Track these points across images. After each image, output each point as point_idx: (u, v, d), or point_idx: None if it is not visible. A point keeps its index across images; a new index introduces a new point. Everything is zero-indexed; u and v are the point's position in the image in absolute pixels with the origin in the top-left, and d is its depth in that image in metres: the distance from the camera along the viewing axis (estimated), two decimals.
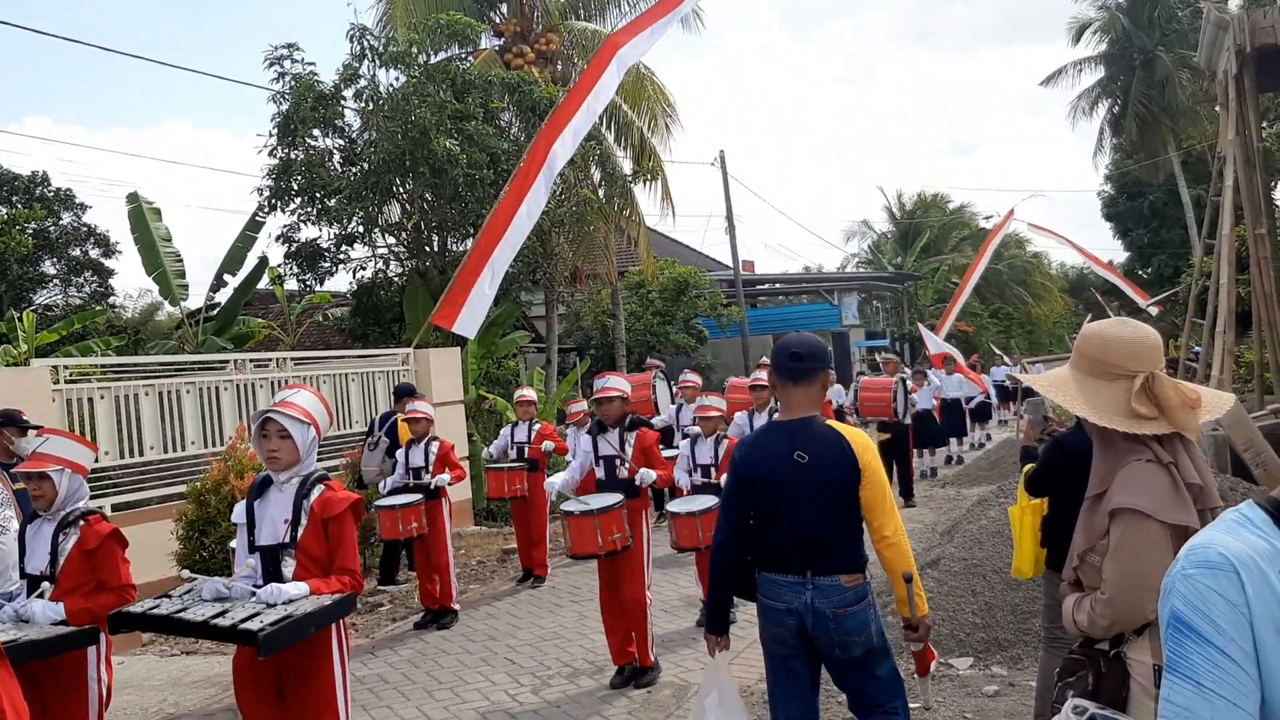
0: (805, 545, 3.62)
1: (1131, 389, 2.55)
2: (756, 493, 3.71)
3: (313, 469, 4.03)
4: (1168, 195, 37.10)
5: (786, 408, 3.78)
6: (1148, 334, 2.65)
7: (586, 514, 6.13)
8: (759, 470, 3.70)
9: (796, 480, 3.61)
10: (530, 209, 11.24)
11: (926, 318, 39.27)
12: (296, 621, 3.52)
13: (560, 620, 8.24)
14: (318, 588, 3.76)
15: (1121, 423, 2.56)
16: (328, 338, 20.15)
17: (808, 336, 3.87)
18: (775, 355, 3.80)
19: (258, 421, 4.00)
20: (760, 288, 34.73)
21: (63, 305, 21.41)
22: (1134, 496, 2.49)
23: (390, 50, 15.20)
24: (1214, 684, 1.45)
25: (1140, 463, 2.54)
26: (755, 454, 3.77)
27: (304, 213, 15.35)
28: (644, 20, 13.56)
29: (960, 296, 30.06)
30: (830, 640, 3.62)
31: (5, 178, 21.22)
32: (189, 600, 3.79)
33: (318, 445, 4.09)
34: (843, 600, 3.60)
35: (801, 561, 3.62)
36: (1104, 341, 2.66)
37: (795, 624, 3.63)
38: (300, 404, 4.02)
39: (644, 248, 20.39)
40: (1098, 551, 2.59)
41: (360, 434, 11.98)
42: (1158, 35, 35.85)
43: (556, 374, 18.68)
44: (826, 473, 3.61)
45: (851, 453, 3.62)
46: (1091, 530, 2.64)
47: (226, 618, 3.56)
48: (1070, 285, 55.33)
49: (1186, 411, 2.51)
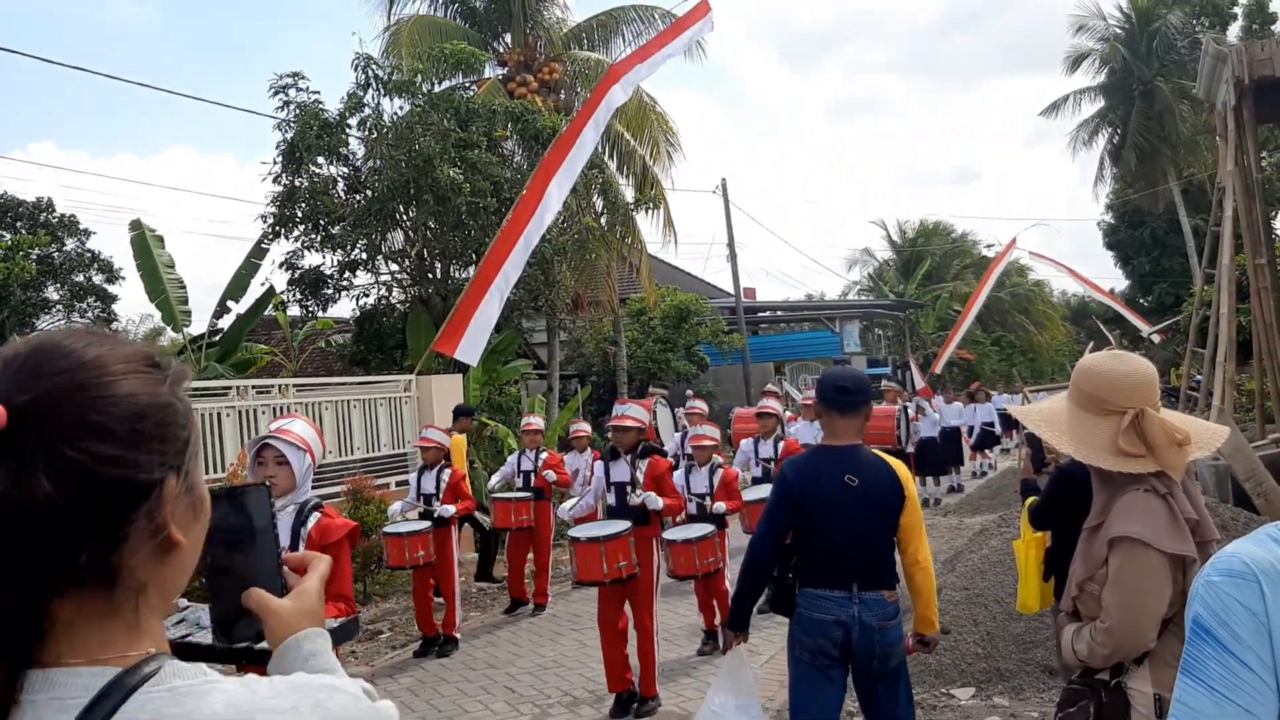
0: (852, 562, 3.85)
1: (1120, 426, 2.56)
2: (805, 509, 3.92)
3: (308, 496, 4.02)
4: (1168, 224, 37.19)
5: (833, 435, 4.02)
6: (1141, 370, 2.64)
7: (593, 541, 6.15)
8: (810, 489, 3.91)
9: (845, 502, 3.85)
10: (531, 238, 11.30)
11: (928, 346, 39.32)
12: None
13: (561, 649, 8.22)
14: None
15: (1108, 460, 2.57)
16: (330, 364, 20.17)
17: (854, 371, 4.26)
18: (823, 388, 4.05)
19: (255, 447, 4.00)
20: (762, 315, 34.79)
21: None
22: (1133, 525, 2.49)
23: (395, 79, 15.32)
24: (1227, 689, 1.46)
25: (1139, 492, 2.54)
26: (807, 474, 3.98)
27: (308, 239, 15.42)
28: (646, 50, 13.69)
29: (962, 324, 30.11)
30: (872, 652, 3.83)
31: (9, 204, 21.29)
32: (187, 627, 3.77)
33: (313, 473, 4.10)
34: (885, 614, 3.86)
35: (849, 577, 3.84)
36: (1096, 376, 2.67)
37: (841, 636, 3.82)
38: (297, 432, 4.03)
39: (646, 275, 20.46)
40: (1097, 580, 2.60)
41: (361, 460, 11.99)
42: (1157, 66, 36.04)
43: (558, 401, 18.68)
44: (875, 496, 3.87)
45: (898, 480, 3.92)
46: (1090, 559, 2.64)
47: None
48: (1072, 313, 55.39)
49: (1173, 450, 2.52)
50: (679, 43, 14.18)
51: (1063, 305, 55.15)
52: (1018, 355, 46.05)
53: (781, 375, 33.65)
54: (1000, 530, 8.44)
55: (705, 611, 7.76)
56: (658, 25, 20.02)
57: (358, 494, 10.51)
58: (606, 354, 23.70)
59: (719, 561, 7.07)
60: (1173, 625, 2.53)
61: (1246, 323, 13.11)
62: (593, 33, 21.60)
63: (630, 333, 23.90)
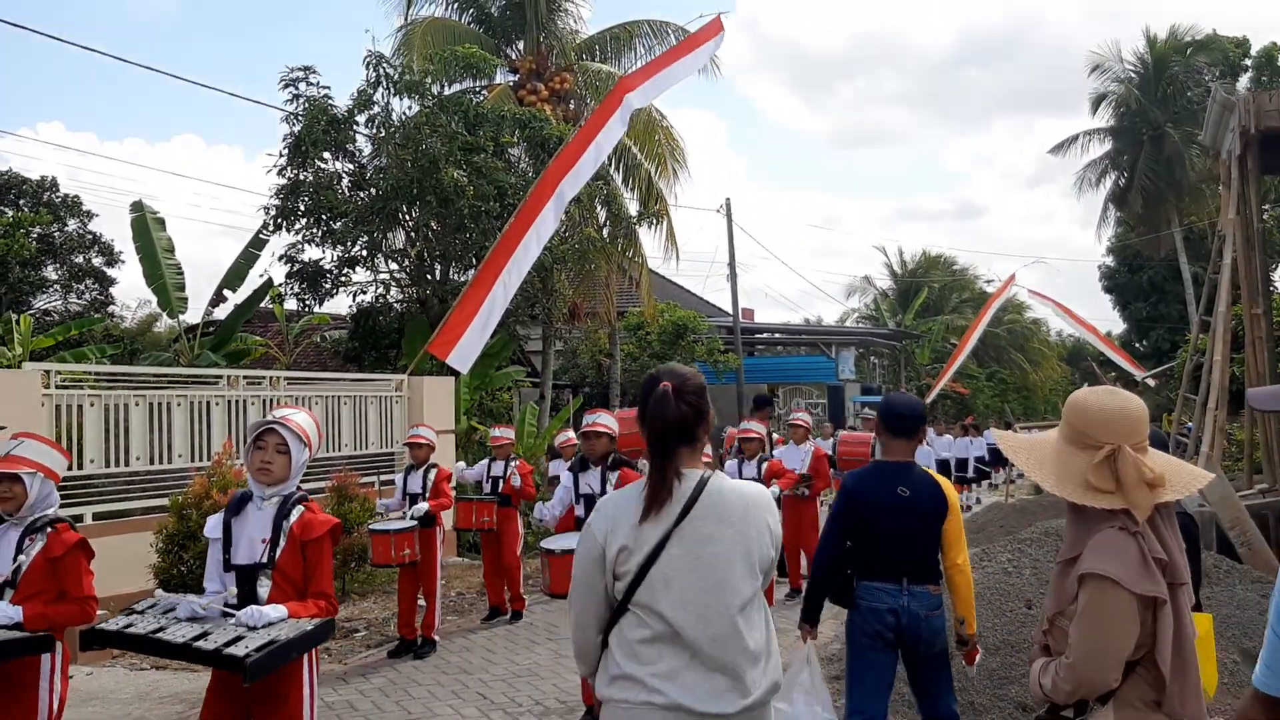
0: (903, 560, 4.50)
1: (1092, 461, 2.56)
2: (864, 515, 4.57)
3: (293, 490, 3.99)
4: (1168, 270, 37.32)
5: (889, 453, 4.66)
6: (1129, 407, 2.63)
7: (566, 552, 6.07)
8: (869, 498, 4.58)
9: (899, 510, 4.49)
10: (532, 246, 11.30)
11: (923, 376, 39.34)
12: (281, 647, 3.47)
13: (535, 658, 8.18)
14: (296, 611, 3.71)
15: (1077, 493, 2.57)
16: (324, 359, 20.15)
17: (911, 399, 4.87)
18: (883, 413, 4.69)
19: (256, 431, 3.96)
20: (759, 336, 34.80)
21: (62, 311, 21.43)
22: (1104, 563, 2.49)
23: (405, 79, 15.34)
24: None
25: (1112, 530, 2.54)
26: (866, 485, 4.65)
27: (309, 233, 15.42)
28: (657, 65, 13.74)
29: (957, 358, 30.17)
30: (919, 636, 4.47)
31: (13, 181, 21.32)
32: (165, 620, 3.73)
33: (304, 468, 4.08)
34: (931, 604, 4.50)
35: (900, 572, 4.49)
36: (1083, 410, 2.67)
37: (894, 622, 4.45)
38: (300, 423, 4.00)
39: (645, 289, 20.49)
40: (1067, 615, 2.59)
41: (348, 457, 11.96)
42: (1168, 112, 36.23)
43: (549, 410, 18.67)
44: (924, 506, 4.51)
45: (943, 493, 4.56)
46: (1062, 595, 2.64)
47: (209, 640, 3.49)
48: (1068, 353, 55.45)
49: (1141, 489, 2.51)
50: (692, 60, 14.22)
51: (1059, 345, 55.22)
52: (1011, 392, 46.04)
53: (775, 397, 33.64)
54: (980, 564, 8.40)
55: None
56: (670, 40, 20.11)
57: (342, 490, 10.48)
58: (601, 366, 23.70)
59: None
60: (1140, 668, 2.52)
61: (1240, 372, 13.13)
62: (605, 45, 21.68)
63: (626, 346, 23.89)
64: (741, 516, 2.74)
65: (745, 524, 2.74)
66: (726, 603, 2.65)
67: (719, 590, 2.66)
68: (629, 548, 2.70)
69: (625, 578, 2.70)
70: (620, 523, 2.74)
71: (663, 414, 2.76)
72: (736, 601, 2.66)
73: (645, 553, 2.68)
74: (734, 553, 2.70)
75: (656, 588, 2.67)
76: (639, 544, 2.70)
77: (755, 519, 2.76)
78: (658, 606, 2.66)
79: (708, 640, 2.62)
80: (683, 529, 2.69)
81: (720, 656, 2.62)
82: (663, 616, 2.65)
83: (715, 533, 2.70)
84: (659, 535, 2.69)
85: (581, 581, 2.79)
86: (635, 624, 2.69)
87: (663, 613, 2.65)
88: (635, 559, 2.69)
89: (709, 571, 2.67)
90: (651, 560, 2.67)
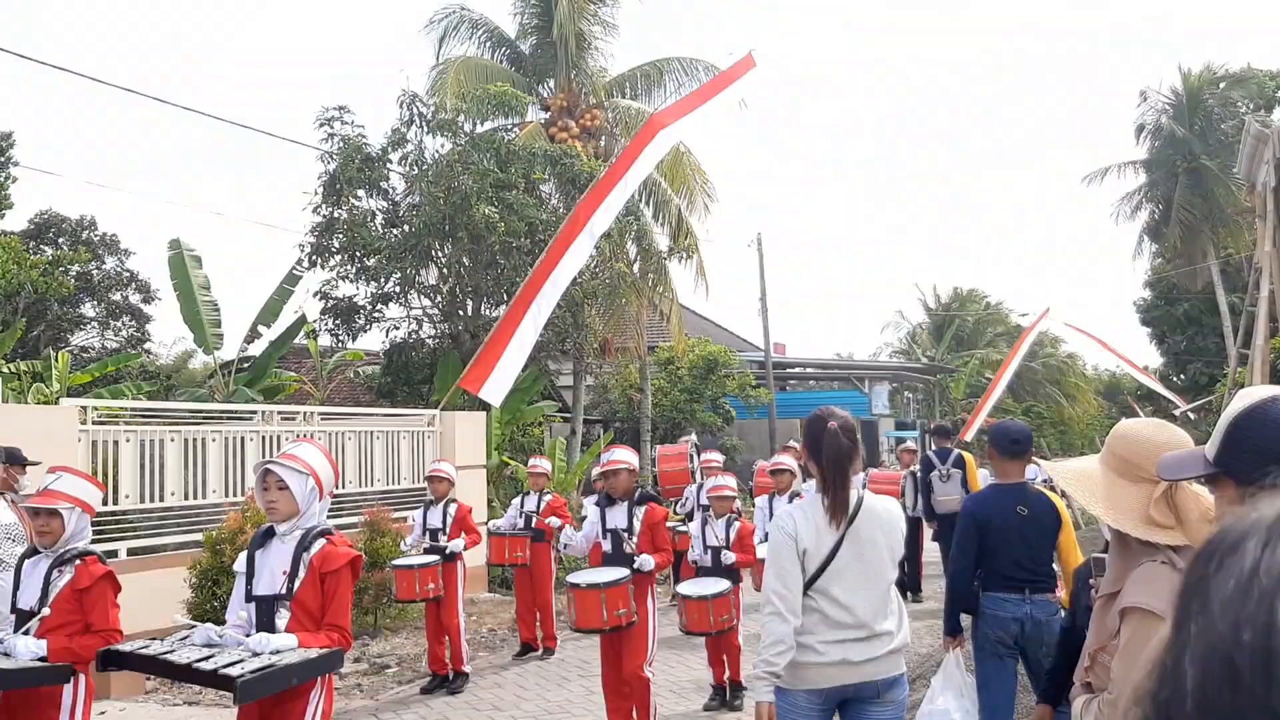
0: (1024, 572, 4.93)
1: (1152, 495, 2.51)
2: (987, 534, 4.98)
3: (315, 523, 4.01)
4: (1205, 303, 36.89)
5: (1004, 475, 5.16)
6: (1181, 441, 2.59)
7: (593, 587, 6.03)
8: (992, 518, 5.00)
9: (1019, 526, 4.95)
10: (562, 281, 11.34)
11: (958, 411, 39.01)
12: (277, 671, 3.51)
13: (567, 694, 8.12)
14: (306, 641, 3.74)
15: (1136, 528, 2.52)
16: (357, 395, 20.28)
17: (1020, 424, 5.33)
18: (998, 438, 5.10)
19: (258, 472, 4.02)
20: (791, 370, 34.69)
21: (99, 348, 21.72)
22: (1147, 597, 2.43)
23: (438, 118, 15.52)
24: None
25: (1155, 564, 2.49)
26: (988, 506, 5.11)
27: (343, 270, 15.58)
28: (689, 102, 13.80)
29: (993, 392, 29.86)
30: (1041, 640, 4.83)
31: (53, 220, 21.71)
32: (179, 644, 3.79)
33: (324, 499, 4.07)
34: (1050, 611, 4.91)
35: (1021, 584, 4.93)
36: (1133, 442, 2.62)
37: (1017, 629, 4.88)
38: (302, 456, 4.03)
39: (676, 324, 20.48)
40: (1109, 651, 2.54)
41: (381, 492, 11.99)
42: (1204, 144, 35.98)
43: (580, 445, 18.66)
44: (1042, 522, 5.01)
45: (1056, 510, 5.04)
46: (1103, 630, 2.58)
47: (210, 662, 3.56)
48: (1104, 388, 54.81)
49: (1203, 526, 2.46)
50: (724, 97, 14.27)
51: (1095, 379, 54.64)
52: (1048, 426, 45.52)
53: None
54: None
55: (715, 666, 7.62)
56: (701, 77, 20.22)
57: (374, 525, 10.50)
58: (632, 400, 23.68)
59: (733, 619, 6.96)
60: None
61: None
62: (636, 82, 21.83)
63: (657, 381, 23.88)
64: (888, 524, 3.76)
65: (891, 530, 3.76)
66: (880, 586, 3.70)
67: (877, 578, 3.69)
68: (810, 550, 3.63)
69: (807, 573, 3.63)
70: (804, 530, 3.65)
71: (837, 447, 3.66)
72: (885, 585, 3.72)
73: (825, 554, 3.63)
74: (884, 550, 3.73)
75: (832, 578, 3.63)
76: (819, 548, 3.64)
77: (896, 527, 3.80)
78: (832, 591, 3.63)
79: (867, 612, 3.63)
80: (851, 534, 3.66)
81: (871, 623, 3.63)
82: (836, 599, 3.62)
83: (873, 537, 3.69)
84: (835, 540, 3.65)
85: (781, 559, 3.65)
86: (808, 608, 3.62)
87: (836, 596, 3.62)
88: (817, 560, 3.63)
89: (869, 565, 3.68)
90: (830, 558, 3.63)
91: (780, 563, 3.63)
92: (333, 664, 3.81)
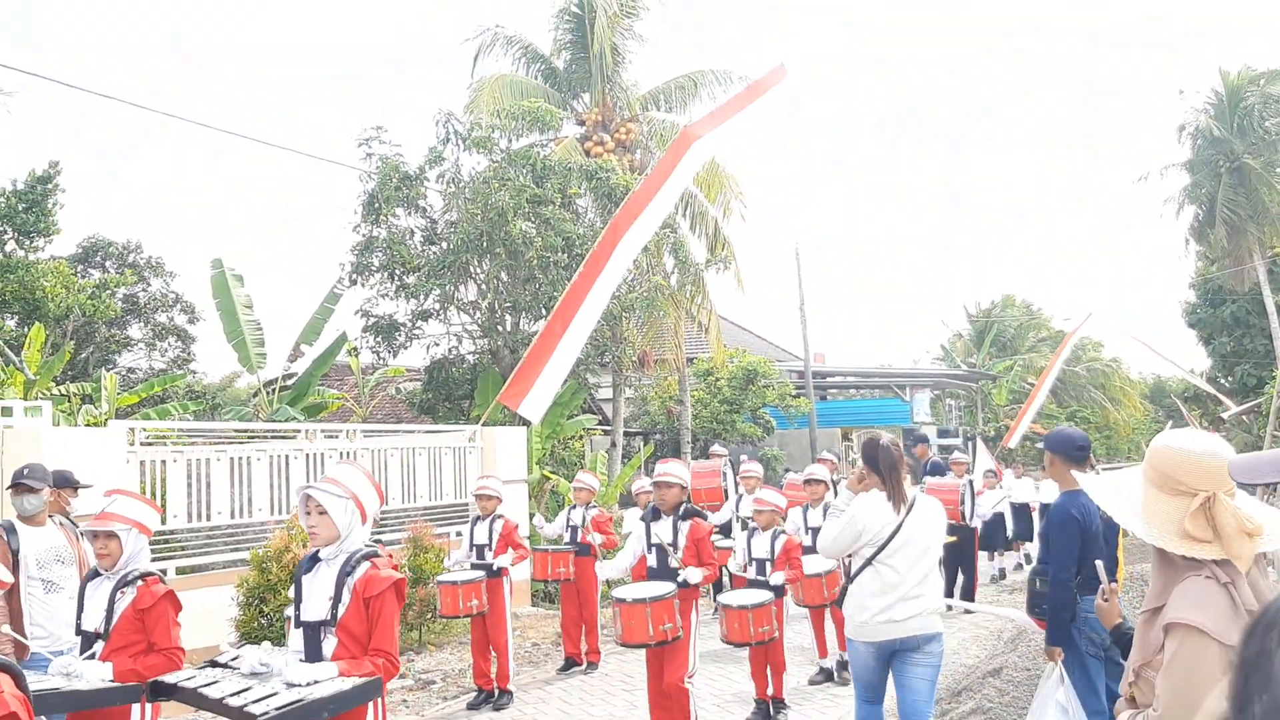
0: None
1: (1189, 508, 2.48)
2: (1088, 541, 5.13)
3: (358, 546, 4.01)
4: (1251, 303, 36.29)
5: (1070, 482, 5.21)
6: (1219, 453, 2.55)
7: (639, 602, 6.04)
8: (1086, 524, 5.15)
9: (1103, 530, 5.17)
10: (601, 295, 11.36)
11: (1000, 418, 38.64)
12: (307, 705, 3.48)
13: (611, 709, 8.12)
14: (346, 670, 3.73)
15: (1173, 542, 2.49)
16: (399, 411, 20.44)
17: (1079, 431, 5.48)
18: (1064, 445, 5.24)
19: (300, 498, 4.04)
20: (830, 380, 34.52)
21: (146, 369, 22.05)
22: (1192, 613, 2.41)
23: (474, 135, 15.65)
24: None
25: (1199, 579, 2.46)
26: (1084, 512, 5.20)
27: (383, 288, 15.74)
28: (723, 112, 13.78)
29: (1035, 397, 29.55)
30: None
31: (100, 244, 22.08)
32: (224, 674, 3.83)
33: (367, 521, 4.08)
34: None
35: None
36: (1171, 455, 2.59)
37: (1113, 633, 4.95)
38: (342, 480, 4.05)
39: (715, 336, 20.47)
40: (1153, 666, 2.51)
41: (423, 508, 12.08)
42: (1246, 142, 35.46)
43: (621, 457, 18.68)
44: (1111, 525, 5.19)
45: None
46: (1147, 645, 2.56)
47: (240, 697, 3.56)
48: (1150, 391, 54.09)
49: (1242, 539, 2.42)
50: (758, 106, 14.24)
51: (1141, 383, 53.89)
52: (1093, 431, 44.95)
53: (849, 443, 33.31)
54: None
55: (758, 680, 7.59)
56: (735, 87, 20.21)
57: (418, 541, 10.57)
58: (671, 412, 23.68)
59: (774, 630, 6.95)
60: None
61: None
62: (670, 95, 21.87)
63: (697, 393, 23.87)
64: (935, 518, 5.14)
65: (936, 519, 5.15)
66: (927, 561, 5.04)
67: (924, 554, 5.03)
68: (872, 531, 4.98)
69: (872, 547, 4.99)
70: (870, 521, 5.01)
71: (890, 457, 5.07)
72: (930, 561, 5.05)
73: (887, 535, 4.96)
74: (932, 533, 5.08)
75: (893, 552, 4.98)
76: (881, 531, 4.98)
77: (940, 518, 5.19)
78: (891, 561, 4.97)
79: (914, 580, 4.96)
80: (908, 520, 5.01)
81: (917, 590, 4.95)
82: (894, 568, 4.96)
83: (923, 523, 5.05)
84: (895, 524, 4.99)
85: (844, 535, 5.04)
86: (873, 578, 4.98)
87: (895, 566, 4.97)
88: (881, 537, 4.97)
89: (919, 543, 5.01)
90: (892, 537, 4.96)
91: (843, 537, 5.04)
92: (369, 694, 3.76)
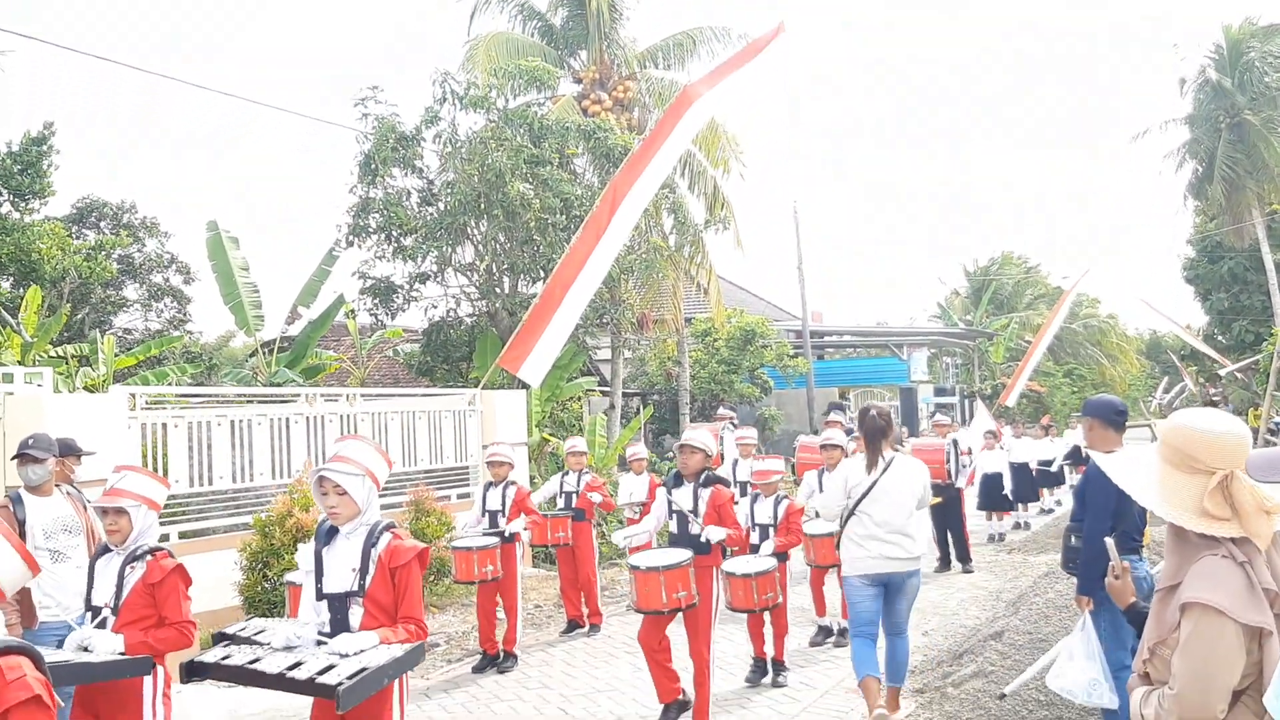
0: (1139, 533, 5.34)
1: (1207, 486, 2.48)
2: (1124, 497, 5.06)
3: (378, 518, 4.07)
4: (1249, 260, 36.23)
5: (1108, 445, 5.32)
6: (1236, 431, 2.56)
7: (653, 569, 6.05)
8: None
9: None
10: (602, 259, 11.30)
11: (997, 376, 38.70)
12: (372, 674, 3.54)
13: (615, 671, 8.18)
14: (387, 637, 3.80)
15: (1191, 520, 2.49)
16: (397, 373, 20.42)
17: (1115, 398, 5.72)
18: (1103, 410, 5.41)
19: (314, 478, 4.06)
20: (828, 339, 34.51)
21: (142, 330, 21.96)
22: (1208, 591, 2.41)
23: (471, 94, 15.49)
24: None
25: (1215, 557, 2.46)
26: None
27: (380, 250, 15.66)
28: (720, 72, 13.65)
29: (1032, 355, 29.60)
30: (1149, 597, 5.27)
31: (95, 205, 21.91)
32: (260, 650, 3.83)
33: (378, 493, 4.13)
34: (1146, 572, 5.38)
35: (1139, 545, 5.42)
36: (1188, 433, 2.59)
37: (1146, 589, 5.01)
38: (355, 457, 4.07)
39: (714, 297, 20.42)
40: (1169, 645, 2.52)
41: (424, 471, 12.09)
42: (1246, 97, 35.23)
43: (620, 419, 18.70)
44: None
45: None
46: (1163, 623, 2.56)
47: (303, 670, 3.58)
48: (1146, 347, 54.19)
49: (1260, 517, 2.42)
50: (755, 65, 14.10)
51: (1137, 339, 53.97)
52: (1089, 388, 45.02)
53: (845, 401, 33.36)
54: (1066, 574, 8.22)
55: (755, 640, 7.65)
56: (734, 45, 20.02)
57: (419, 505, 10.60)
58: (670, 374, 23.69)
59: (778, 596, 6.99)
60: (1245, 698, 2.44)
61: None
62: (669, 52, 21.66)
63: (695, 353, 23.85)
64: (911, 475, 6.12)
65: (913, 478, 6.12)
66: (903, 513, 6.00)
67: (900, 506, 6.00)
68: (853, 486, 6.07)
69: (854, 497, 6.03)
70: (852, 476, 6.13)
71: (871, 425, 6.12)
72: (906, 513, 6.01)
73: (866, 487, 6.00)
74: (907, 489, 6.06)
75: (871, 502, 5.99)
76: (861, 484, 6.04)
77: (918, 477, 6.16)
78: (869, 510, 5.98)
79: (894, 528, 5.96)
80: (883, 478, 6.02)
81: (898, 538, 5.95)
82: (872, 517, 5.97)
83: (898, 481, 6.04)
84: (872, 480, 6.02)
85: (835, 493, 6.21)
86: (857, 524, 6.02)
87: (872, 514, 5.98)
88: (860, 490, 6.03)
89: (895, 496, 6.00)
90: (869, 490, 5.99)
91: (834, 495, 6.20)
92: (416, 659, 3.88)
